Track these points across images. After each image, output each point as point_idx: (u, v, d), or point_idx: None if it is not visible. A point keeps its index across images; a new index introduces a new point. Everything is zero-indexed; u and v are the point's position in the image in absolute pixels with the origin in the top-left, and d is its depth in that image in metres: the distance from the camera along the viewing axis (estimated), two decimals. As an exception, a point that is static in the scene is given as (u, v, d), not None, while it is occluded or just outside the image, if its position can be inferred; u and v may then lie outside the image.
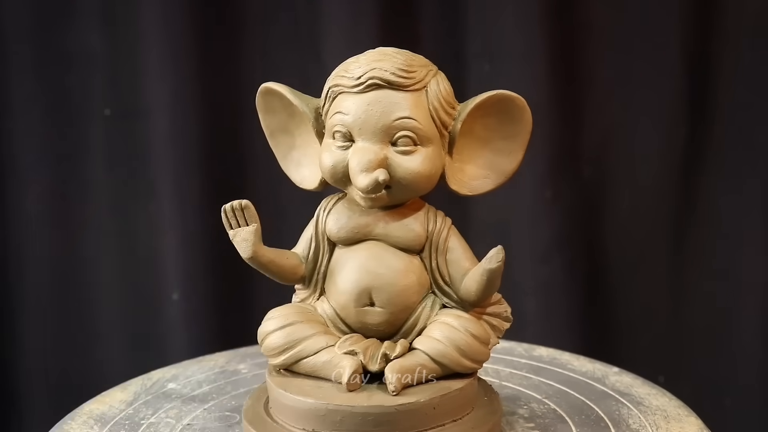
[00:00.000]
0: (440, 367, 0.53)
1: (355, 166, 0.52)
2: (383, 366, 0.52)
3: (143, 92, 1.10)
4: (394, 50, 0.53)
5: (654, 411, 0.62)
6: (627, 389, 0.66)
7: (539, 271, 1.13)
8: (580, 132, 1.13)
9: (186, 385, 0.69)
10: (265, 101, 0.57)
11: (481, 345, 0.54)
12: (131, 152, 1.12)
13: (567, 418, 0.61)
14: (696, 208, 1.14)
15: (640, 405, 0.63)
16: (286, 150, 0.59)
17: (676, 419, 0.60)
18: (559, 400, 0.64)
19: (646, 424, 0.59)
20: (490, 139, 0.56)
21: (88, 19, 1.09)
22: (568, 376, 0.69)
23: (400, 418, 0.50)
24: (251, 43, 1.11)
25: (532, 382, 0.68)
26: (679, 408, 0.62)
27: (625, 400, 0.64)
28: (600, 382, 0.68)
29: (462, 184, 0.56)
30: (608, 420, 0.60)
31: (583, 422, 0.60)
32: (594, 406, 0.63)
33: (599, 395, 0.65)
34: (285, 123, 0.58)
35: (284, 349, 0.54)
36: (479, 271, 0.52)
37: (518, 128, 0.55)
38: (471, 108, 0.54)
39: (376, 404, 0.50)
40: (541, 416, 0.61)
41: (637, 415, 0.61)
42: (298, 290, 0.59)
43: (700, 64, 1.11)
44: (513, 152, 0.55)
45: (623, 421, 0.60)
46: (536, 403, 0.64)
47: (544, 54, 1.09)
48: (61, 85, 1.11)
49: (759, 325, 1.14)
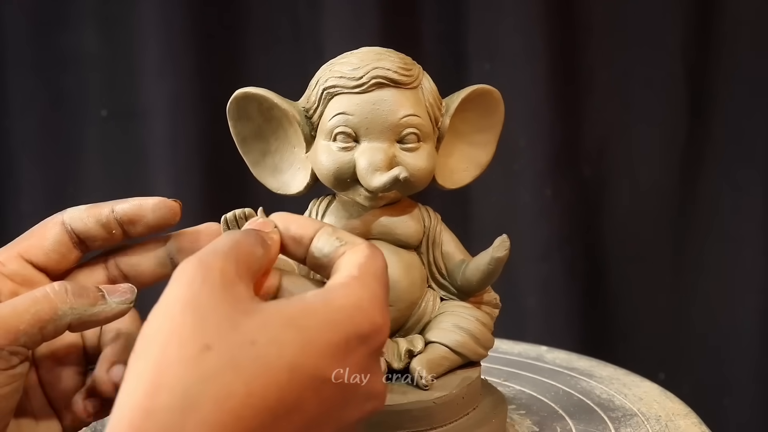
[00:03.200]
0: (460, 357, 0.53)
1: (367, 166, 0.51)
2: (407, 362, 0.52)
3: (140, 93, 1.10)
4: (384, 49, 0.53)
5: (653, 410, 0.62)
6: (626, 388, 0.66)
7: (539, 269, 1.13)
8: (580, 131, 1.13)
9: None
10: (239, 107, 0.56)
11: (488, 331, 0.55)
12: (128, 153, 1.12)
13: (556, 407, 0.62)
14: (696, 208, 1.14)
15: (639, 404, 0.63)
16: (259, 156, 0.57)
17: (675, 418, 0.60)
18: (520, 381, 0.66)
19: (646, 424, 0.59)
20: (467, 133, 0.57)
21: (85, 20, 1.09)
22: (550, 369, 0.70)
23: (438, 411, 0.51)
24: (251, 43, 1.11)
25: (503, 372, 0.69)
26: (678, 407, 0.62)
27: (624, 399, 0.64)
28: (597, 379, 0.68)
29: (445, 178, 0.57)
30: (607, 419, 0.60)
31: (579, 414, 0.61)
32: (590, 402, 0.64)
33: (595, 393, 0.65)
34: (259, 128, 0.57)
35: None
36: (485, 259, 0.53)
37: (493, 121, 0.57)
38: (458, 103, 0.55)
39: (415, 400, 0.50)
40: (515, 398, 0.63)
41: (636, 415, 0.61)
42: None
43: (700, 64, 1.11)
44: (488, 144, 0.57)
45: (619, 419, 0.60)
46: (501, 387, 0.64)
47: (544, 54, 1.09)
48: (58, 86, 1.11)
49: (758, 325, 1.14)
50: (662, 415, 0.60)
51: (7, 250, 0.48)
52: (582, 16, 1.10)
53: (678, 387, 0.72)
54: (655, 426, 0.59)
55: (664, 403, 0.63)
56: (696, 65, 1.11)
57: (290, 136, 0.56)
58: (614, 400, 0.63)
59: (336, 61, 0.54)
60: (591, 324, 1.16)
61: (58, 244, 0.50)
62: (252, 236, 0.40)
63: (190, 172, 1.10)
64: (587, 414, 0.61)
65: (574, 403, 0.63)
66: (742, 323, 1.15)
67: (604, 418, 0.60)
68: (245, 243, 0.39)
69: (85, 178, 1.13)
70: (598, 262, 1.16)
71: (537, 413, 0.61)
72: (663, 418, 0.60)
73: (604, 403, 0.63)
